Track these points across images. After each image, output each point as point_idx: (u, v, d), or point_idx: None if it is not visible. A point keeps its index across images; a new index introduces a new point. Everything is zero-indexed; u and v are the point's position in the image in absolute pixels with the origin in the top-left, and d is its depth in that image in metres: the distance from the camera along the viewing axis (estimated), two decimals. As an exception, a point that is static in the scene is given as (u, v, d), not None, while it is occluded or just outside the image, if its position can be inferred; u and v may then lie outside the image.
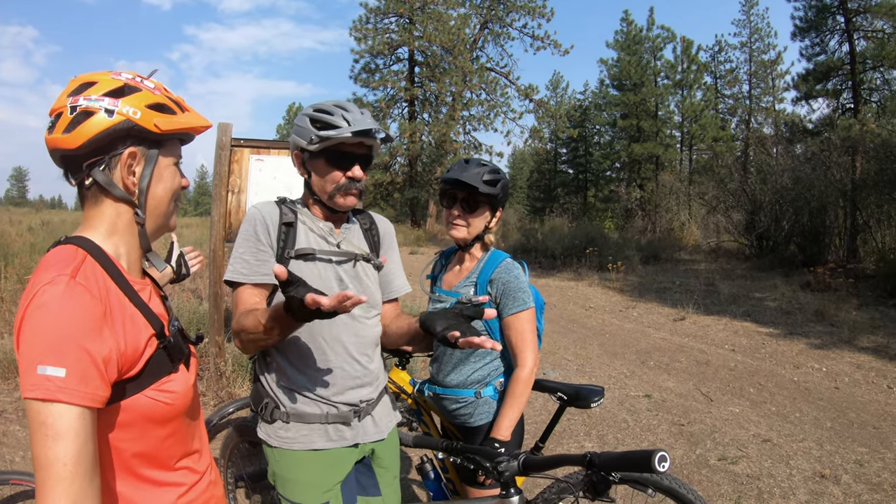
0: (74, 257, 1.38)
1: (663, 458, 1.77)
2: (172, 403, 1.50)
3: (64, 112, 1.42)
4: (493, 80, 35.79)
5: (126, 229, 1.53)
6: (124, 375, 1.38)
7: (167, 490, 1.54)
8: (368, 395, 2.32)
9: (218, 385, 6.02)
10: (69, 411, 1.21)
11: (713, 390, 6.92)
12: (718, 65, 40.49)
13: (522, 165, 67.43)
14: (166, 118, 1.51)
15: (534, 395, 5.86)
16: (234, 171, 5.92)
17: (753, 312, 11.02)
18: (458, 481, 3.06)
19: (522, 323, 2.73)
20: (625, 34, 37.97)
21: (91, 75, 1.50)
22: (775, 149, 23.35)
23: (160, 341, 1.50)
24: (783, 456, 5.17)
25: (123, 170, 1.48)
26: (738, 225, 18.84)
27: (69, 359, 1.23)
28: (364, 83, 36.04)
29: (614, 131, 41.64)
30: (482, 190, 2.73)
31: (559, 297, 13.50)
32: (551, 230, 23.02)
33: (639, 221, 29.05)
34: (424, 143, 35.00)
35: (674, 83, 37.69)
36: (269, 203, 2.32)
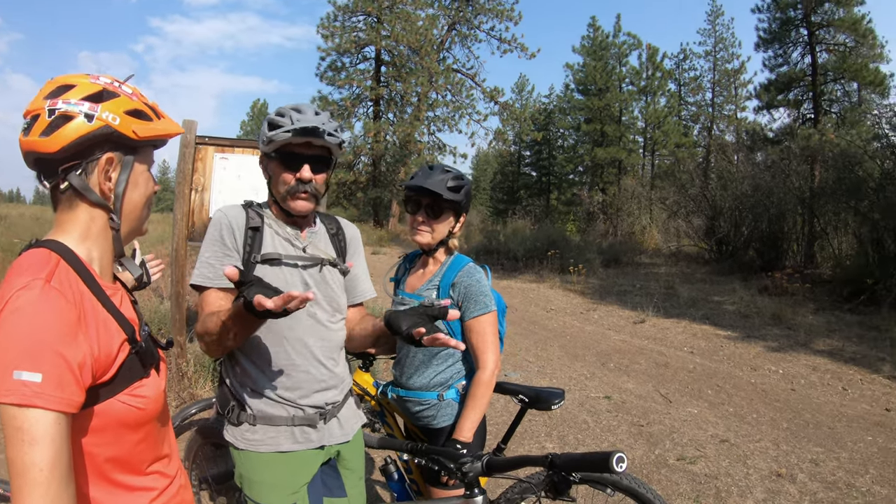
0: (48, 261, 1.37)
1: (621, 458, 1.80)
2: (144, 408, 1.49)
3: (41, 114, 1.41)
4: (458, 81, 35.75)
5: (100, 234, 1.53)
6: (98, 380, 1.37)
7: (139, 495, 1.54)
8: (334, 397, 2.33)
9: (180, 386, 5.95)
10: (45, 417, 1.21)
11: (672, 392, 7.00)
12: (683, 72, 40.98)
13: (486, 167, 67.53)
14: (144, 125, 1.51)
15: (496, 397, 5.88)
16: (197, 170, 5.85)
17: (712, 315, 11.20)
18: (422, 482, 3.07)
19: (484, 326, 2.75)
20: (591, 40, 38.23)
21: (69, 78, 1.49)
22: (736, 156, 23.84)
23: (132, 346, 1.49)
24: (740, 456, 5.25)
25: (100, 175, 1.48)
26: (698, 230, 19.16)
27: (45, 364, 1.22)
28: (330, 81, 35.77)
29: (578, 135, 41.89)
30: (446, 196, 2.75)
31: (521, 299, 13.58)
32: (514, 232, 23.10)
33: (600, 225, 29.32)
34: (389, 142, 34.84)
35: (638, 89, 38.07)
36: (235, 206, 2.31)
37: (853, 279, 12.07)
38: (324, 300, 2.33)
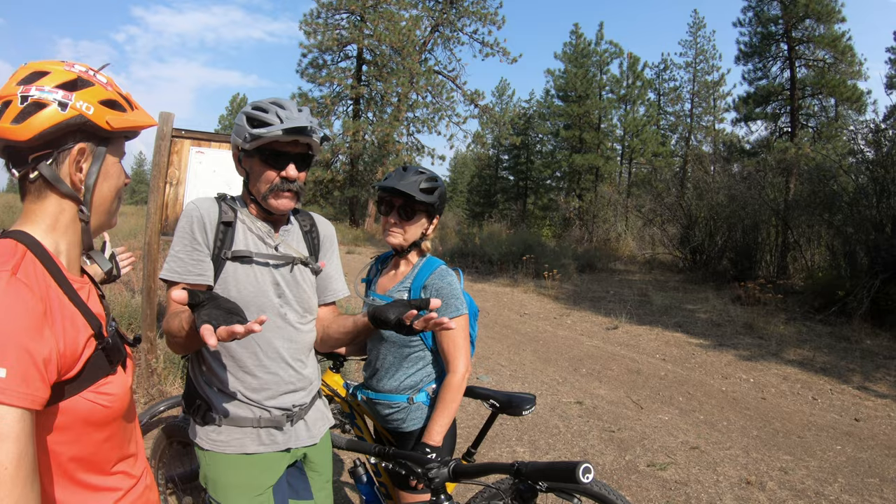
0: (14, 253, 1.34)
1: (587, 469, 1.79)
2: (110, 406, 1.46)
3: (13, 101, 1.37)
4: (439, 83, 35.79)
5: (68, 226, 1.49)
6: (63, 377, 1.33)
7: (103, 495, 1.50)
8: (301, 399, 2.32)
9: (149, 382, 5.89)
10: (10, 413, 1.17)
11: (643, 398, 7.02)
12: (663, 82, 41.45)
13: (464, 170, 67.62)
14: (118, 116, 1.48)
15: (467, 401, 5.86)
16: (173, 163, 5.78)
17: (685, 323, 11.25)
18: (391, 485, 3.04)
19: (455, 329, 2.69)
20: (573, 47, 38.35)
21: (43, 64, 1.45)
22: (713, 167, 24.08)
23: (98, 342, 1.45)
24: (711, 463, 5.27)
25: (71, 166, 1.45)
26: (673, 238, 19.30)
27: (10, 359, 1.18)
28: (310, 78, 35.70)
29: (557, 141, 41.99)
30: (418, 198, 2.73)
31: (495, 302, 13.58)
32: (489, 236, 23.12)
33: (576, 231, 29.37)
34: (367, 142, 34.81)
35: (618, 97, 38.28)
36: (208, 199, 2.27)
37: (825, 291, 12.22)
38: (294, 301, 2.30)
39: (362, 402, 3.09)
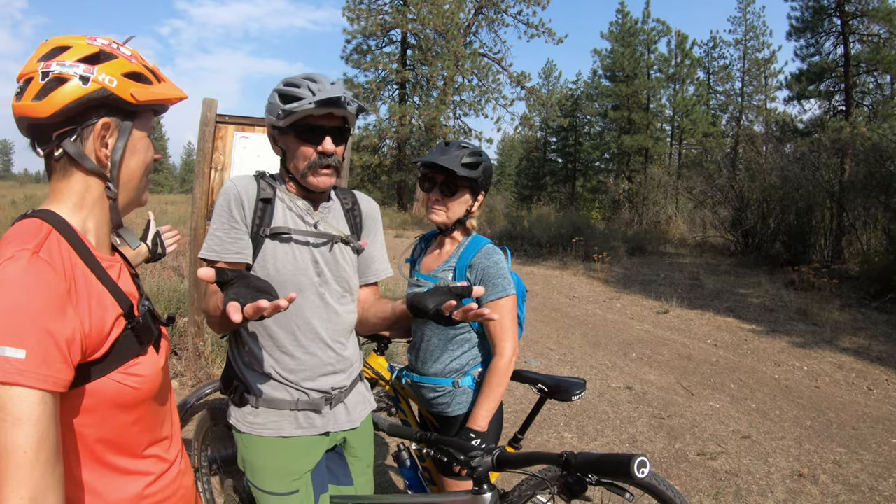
0: (38, 232, 1.31)
1: (643, 463, 1.69)
2: (140, 388, 1.43)
3: (35, 77, 1.34)
4: (485, 65, 35.69)
5: (96, 203, 1.46)
6: (89, 357, 1.32)
7: (134, 479, 1.48)
8: (341, 382, 2.29)
9: (196, 365, 5.98)
10: (30, 395, 1.15)
11: (694, 384, 6.92)
12: (712, 61, 40.52)
13: (512, 152, 67.45)
14: (143, 88, 1.44)
15: (514, 385, 5.84)
16: (217, 148, 5.82)
17: (737, 308, 11.02)
18: (435, 471, 3.01)
19: (502, 310, 2.64)
20: (620, 26, 37.83)
21: (64, 39, 1.41)
22: (765, 147, 23.54)
23: (128, 322, 1.43)
24: (762, 453, 5.16)
25: (96, 141, 1.41)
26: (724, 221, 18.86)
27: (30, 340, 1.16)
28: (355, 64, 35.83)
29: (605, 122, 41.58)
30: (460, 173, 2.66)
31: (544, 285, 13.49)
32: (538, 218, 22.98)
33: (626, 213, 29.04)
34: (414, 126, 34.86)
35: (666, 77, 37.66)
36: (246, 177, 2.25)
37: (882, 276, 11.82)
38: (334, 280, 2.27)
39: (407, 386, 3.07)
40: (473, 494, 2.16)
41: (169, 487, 1.57)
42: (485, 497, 2.14)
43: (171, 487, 1.59)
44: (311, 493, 2.22)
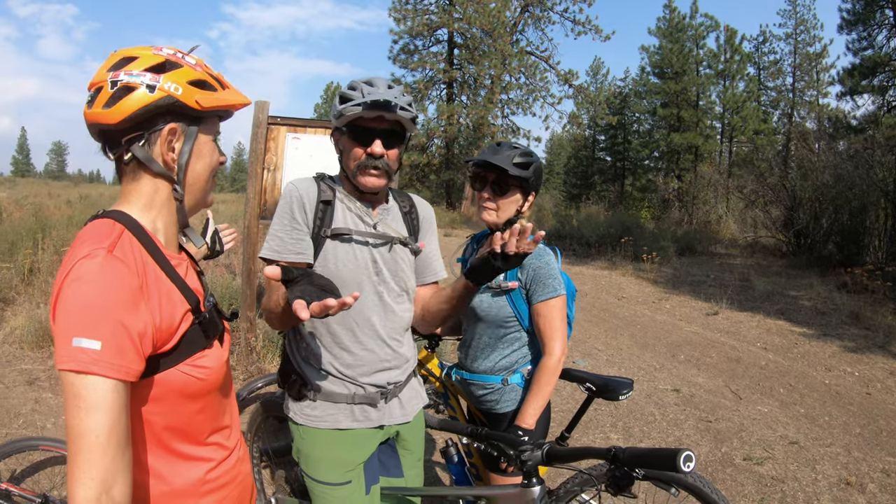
0: (111, 231, 1.38)
1: (689, 457, 1.74)
2: (205, 379, 1.51)
3: (104, 86, 1.42)
4: (532, 64, 35.52)
5: (164, 205, 1.53)
6: (159, 350, 1.39)
7: (196, 464, 1.56)
8: (396, 377, 2.33)
9: (248, 360, 6.13)
10: (103, 384, 1.23)
11: (742, 388, 6.86)
12: (762, 56, 39.64)
13: (560, 151, 67.09)
14: (207, 95, 1.51)
15: (562, 384, 5.86)
16: (270, 149, 5.96)
17: (787, 311, 10.84)
18: (482, 467, 3.08)
19: (552, 310, 2.70)
20: (667, 21, 37.36)
21: (132, 50, 1.49)
22: (817, 144, 23.01)
23: (195, 317, 1.51)
24: (809, 460, 5.11)
25: (163, 146, 1.48)
26: (775, 221, 18.51)
27: (105, 332, 1.24)
28: (402, 64, 36.01)
29: (654, 120, 41.05)
30: (512, 172, 2.69)
31: (592, 285, 13.45)
32: (587, 217, 22.90)
33: (675, 212, 28.71)
34: (462, 125, 34.88)
35: (716, 73, 36.99)
36: (307, 179, 2.31)
37: (938, 279, 11.53)
38: (392, 280, 2.31)
39: (456, 383, 3.12)
40: (522, 487, 2.21)
41: (228, 473, 1.65)
42: (533, 490, 2.19)
43: (231, 473, 1.67)
44: (362, 484, 2.28)
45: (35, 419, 5.16)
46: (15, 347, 6.61)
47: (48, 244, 9.85)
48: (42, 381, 5.84)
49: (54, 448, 3.53)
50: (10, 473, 3.98)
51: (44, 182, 50.01)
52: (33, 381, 5.81)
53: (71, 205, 18.91)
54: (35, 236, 10.12)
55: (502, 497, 2.34)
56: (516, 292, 2.76)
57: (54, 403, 5.44)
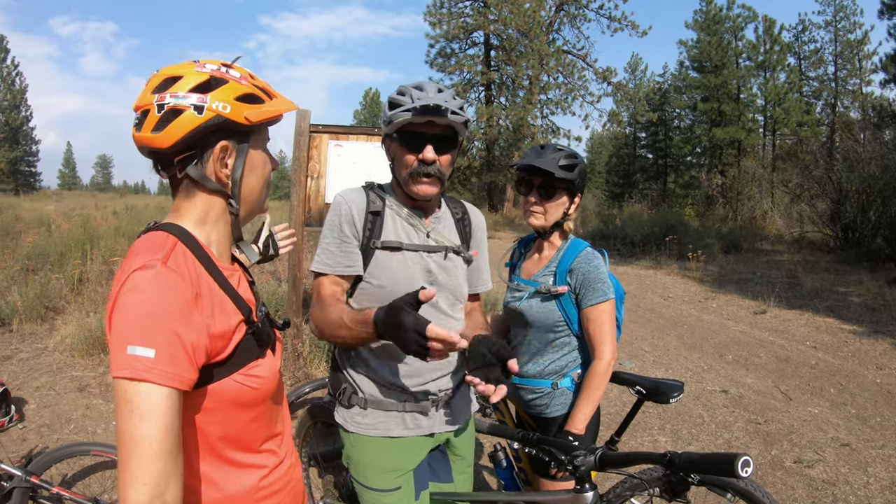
0: (165, 243, 1.40)
1: (746, 462, 1.73)
2: (259, 388, 1.52)
3: (151, 110, 1.42)
4: (570, 62, 35.36)
5: (218, 219, 1.56)
6: (213, 359, 1.41)
7: (250, 472, 1.57)
8: (446, 384, 2.33)
9: (295, 366, 6.25)
10: (157, 391, 1.25)
11: (792, 388, 6.80)
12: (802, 45, 38.80)
13: (601, 150, 66.51)
14: (255, 109, 1.50)
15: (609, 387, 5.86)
16: (313, 157, 6.04)
17: (837, 308, 10.64)
18: (531, 472, 3.08)
19: (601, 315, 2.70)
20: (704, 14, 36.99)
21: (175, 69, 1.48)
22: (862, 134, 22.55)
23: (248, 327, 1.52)
24: (861, 462, 5.04)
25: (216, 163, 1.49)
26: (822, 215, 18.09)
27: (159, 341, 1.26)
28: (440, 68, 36.16)
29: (695, 115, 40.62)
30: (558, 175, 2.69)
31: (637, 285, 13.38)
32: (630, 217, 22.62)
33: (720, 209, 28.23)
34: (502, 127, 34.84)
35: (756, 64, 36.46)
36: (355, 190, 2.31)
37: None
38: (446, 288, 2.31)
39: None
40: (575, 493, 2.22)
41: (281, 480, 1.67)
42: (587, 496, 2.20)
43: (283, 480, 1.68)
44: (412, 490, 2.29)
45: (86, 425, 5.34)
46: (66, 355, 6.85)
47: (96, 254, 10.12)
48: (92, 388, 6.04)
49: (104, 453, 3.65)
50: (62, 478, 4.12)
51: (90, 194, 51.16)
52: (84, 388, 6.02)
53: (117, 215, 19.32)
54: (84, 247, 10.44)
55: (555, 502, 2.36)
56: (566, 297, 2.76)
57: (105, 409, 5.62)
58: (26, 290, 8.31)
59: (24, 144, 61.38)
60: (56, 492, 3.51)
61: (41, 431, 5.19)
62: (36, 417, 5.43)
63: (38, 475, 3.49)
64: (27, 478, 3.41)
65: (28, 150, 62.06)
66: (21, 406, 5.52)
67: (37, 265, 9.94)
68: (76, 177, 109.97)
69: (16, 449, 4.79)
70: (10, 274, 9.43)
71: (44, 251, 10.56)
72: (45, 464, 3.61)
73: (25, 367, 6.54)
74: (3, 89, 58.51)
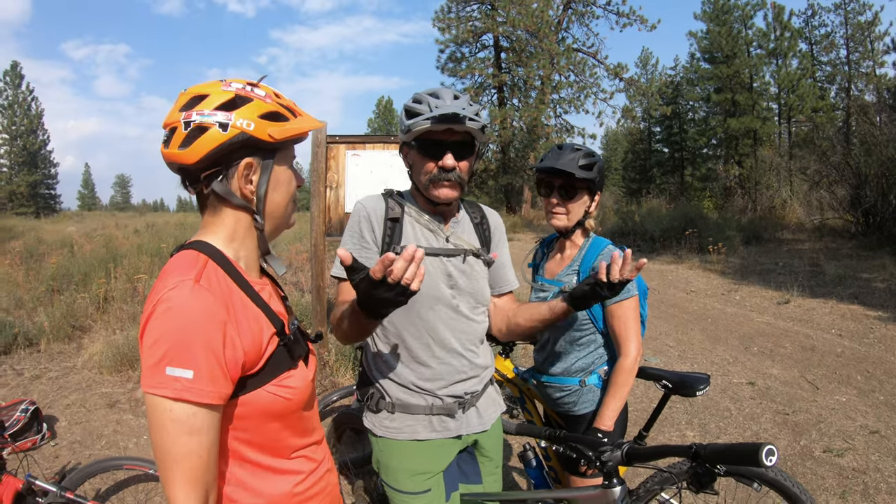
0: (196, 262, 1.43)
1: (771, 451, 1.73)
2: (291, 398, 1.54)
3: (178, 127, 1.45)
4: (580, 60, 35.28)
5: (246, 234, 1.58)
6: (247, 372, 1.44)
7: (286, 477, 1.60)
8: (473, 387, 2.35)
9: (322, 374, 6.33)
10: (199, 410, 1.31)
11: (819, 377, 6.76)
12: (813, 30, 38.28)
13: (616, 146, 66.36)
14: (279, 127, 1.52)
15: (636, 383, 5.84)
16: (331, 168, 6.13)
17: (861, 294, 10.58)
18: (561, 470, 3.10)
19: (626, 311, 2.70)
20: (712, 4, 36.76)
21: (201, 88, 1.52)
22: (879, 117, 22.30)
23: (281, 339, 1.55)
24: (891, 449, 5.00)
25: (241, 180, 1.51)
26: (842, 201, 17.98)
27: (197, 360, 1.31)
28: (451, 72, 36.16)
29: (709, 106, 40.36)
30: (579, 175, 2.69)
31: (659, 280, 13.35)
32: (649, 212, 22.52)
33: (738, 200, 28.05)
34: (516, 128, 34.80)
35: (767, 52, 36.15)
36: (374, 197, 2.34)
37: None
38: (467, 292, 2.32)
39: (533, 387, 3.15)
40: (603, 488, 2.22)
41: (318, 485, 1.70)
42: (614, 491, 2.19)
43: (320, 485, 1.71)
44: (442, 492, 2.31)
45: (117, 440, 5.41)
46: (94, 372, 6.95)
47: (120, 273, 10.24)
48: (122, 404, 6.12)
49: (138, 467, 3.67)
50: (95, 492, 4.19)
51: (110, 214, 51.61)
52: (114, 404, 6.10)
53: (139, 234, 19.48)
54: (107, 266, 10.57)
55: (583, 499, 2.35)
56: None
57: (135, 424, 5.69)
58: (52, 311, 8.43)
59: (43, 168, 62.09)
60: (90, 506, 3.58)
61: (73, 448, 5.27)
62: (67, 434, 5.50)
63: (73, 490, 3.54)
64: (62, 493, 3.46)
65: (47, 174, 62.76)
66: (52, 424, 5.60)
67: (61, 286, 10.06)
68: (95, 197, 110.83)
69: (49, 466, 4.87)
70: (35, 295, 9.58)
71: (68, 272, 10.69)
72: (79, 479, 3.67)
73: (55, 385, 6.63)
74: (19, 115, 59.27)
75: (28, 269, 11.43)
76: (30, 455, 4.88)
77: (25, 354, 7.55)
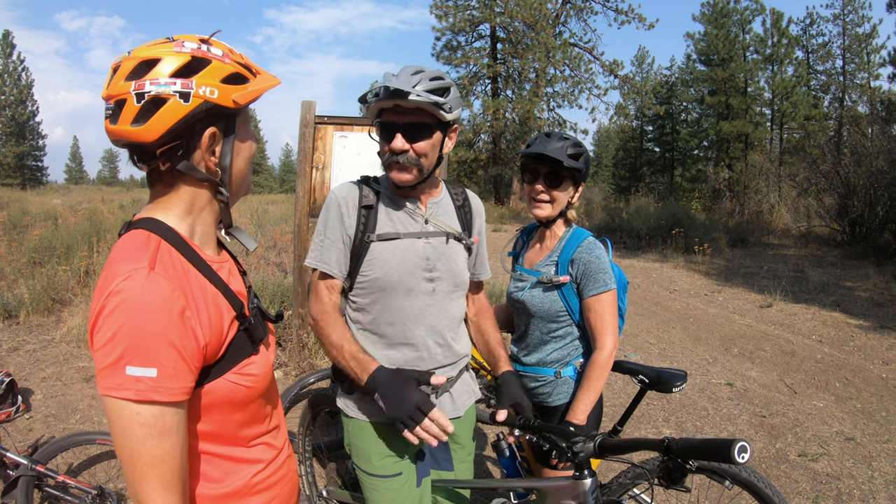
0: (147, 245, 1.31)
1: (744, 448, 1.71)
2: (253, 386, 1.47)
3: (128, 100, 1.29)
4: (576, 55, 35.27)
5: (204, 208, 1.47)
6: (208, 361, 1.36)
7: (247, 466, 1.54)
8: (448, 372, 2.34)
9: (300, 356, 6.33)
10: (167, 409, 1.24)
11: (797, 382, 6.79)
12: (810, 38, 38.60)
13: (608, 143, 66.55)
14: (243, 91, 1.40)
15: (615, 377, 5.87)
16: (318, 148, 6.10)
17: (843, 302, 10.66)
18: (534, 461, 3.08)
19: (603, 305, 2.67)
20: (712, 6, 36.71)
21: (150, 50, 1.34)
22: (870, 129, 22.41)
23: (241, 323, 1.46)
24: (866, 456, 5.03)
25: (205, 153, 1.40)
26: (829, 209, 18.09)
27: (159, 357, 1.22)
28: (446, 61, 36.03)
29: (702, 108, 40.42)
30: (567, 164, 2.66)
31: (643, 278, 13.39)
32: (637, 210, 22.55)
33: (727, 203, 28.27)
34: (508, 120, 34.77)
35: (764, 58, 36.21)
36: (347, 185, 2.31)
37: None
38: (444, 276, 2.30)
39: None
40: (574, 479, 2.19)
41: (278, 472, 1.64)
42: (585, 482, 2.17)
43: (281, 472, 1.65)
44: (413, 476, 2.31)
45: (91, 414, 5.39)
46: (72, 346, 6.92)
47: (103, 247, 10.15)
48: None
49: (110, 442, 3.60)
50: (68, 466, 4.18)
51: (97, 188, 51.13)
52: (90, 378, 6.07)
53: (124, 209, 19.33)
54: (90, 239, 10.51)
55: (553, 489, 2.32)
56: (567, 287, 2.73)
57: None
58: (33, 283, 8.37)
59: (31, 139, 61.44)
60: (62, 480, 3.55)
61: (47, 421, 5.24)
62: (42, 407, 5.47)
63: (44, 464, 3.52)
64: (33, 466, 3.44)
65: (35, 145, 62.13)
66: (27, 396, 5.57)
67: (44, 258, 9.99)
68: (83, 171, 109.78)
69: (22, 438, 4.83)
70: (17, 267, 9.50)
71: (51, 244, 10.59)
72: (51, 453, 3.65)
73: (32, 358, 6.59)
74: (9, 84, 58.62)
75: (11, 240, 11.32)
76: (3, 427, 4.87)
77: (4, 326, 7.50)
